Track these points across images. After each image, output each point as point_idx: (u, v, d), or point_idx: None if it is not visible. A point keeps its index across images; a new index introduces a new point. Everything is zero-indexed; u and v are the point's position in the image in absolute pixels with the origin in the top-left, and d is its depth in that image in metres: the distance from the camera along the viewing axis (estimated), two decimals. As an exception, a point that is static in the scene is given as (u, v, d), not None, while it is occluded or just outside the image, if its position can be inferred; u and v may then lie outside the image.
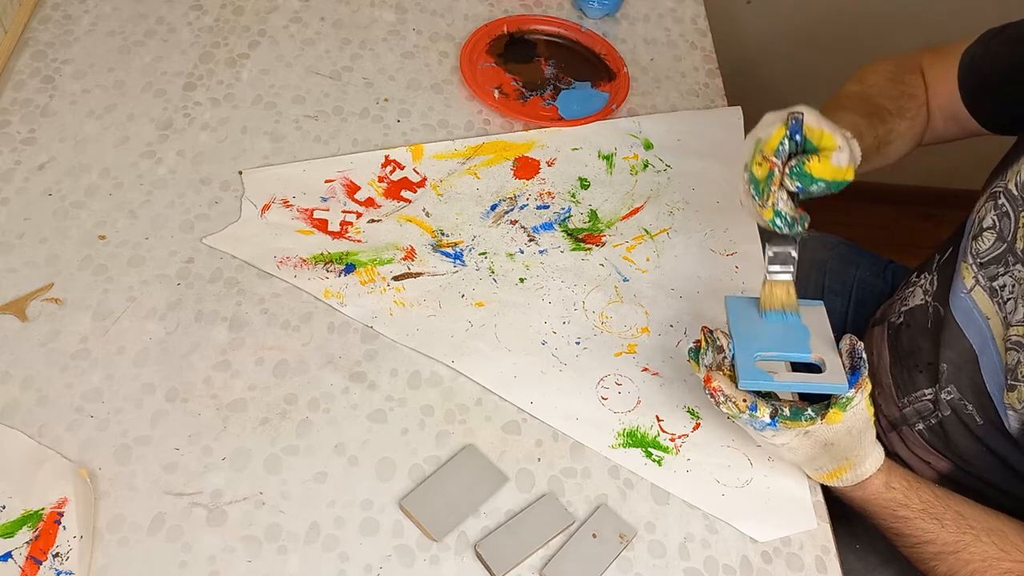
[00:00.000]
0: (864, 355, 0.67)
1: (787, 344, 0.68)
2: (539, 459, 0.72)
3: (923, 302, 0.84)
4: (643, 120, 0.98)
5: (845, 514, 0.86)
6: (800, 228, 0.67)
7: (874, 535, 0.86)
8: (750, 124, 0.97)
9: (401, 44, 1.02)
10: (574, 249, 0.86)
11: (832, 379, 0.66)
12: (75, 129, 0.87)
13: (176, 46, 0.96)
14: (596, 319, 0.82)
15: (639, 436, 0.74)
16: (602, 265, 0.86)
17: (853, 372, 0.67)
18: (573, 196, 0.91)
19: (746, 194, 0.68)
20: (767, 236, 0.70)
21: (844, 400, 0.65)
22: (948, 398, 0.78)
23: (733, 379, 0.67)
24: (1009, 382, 0.72)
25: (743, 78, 0.97)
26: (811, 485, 0.74)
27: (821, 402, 0.67)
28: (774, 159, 0.66)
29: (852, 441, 0.68)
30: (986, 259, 0.77)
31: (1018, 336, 0.72)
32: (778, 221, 0.66)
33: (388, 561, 0.66)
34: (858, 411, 0.66)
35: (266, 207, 0.84)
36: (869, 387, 0.67)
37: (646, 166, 0.94)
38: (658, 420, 0.76)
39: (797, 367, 0.68)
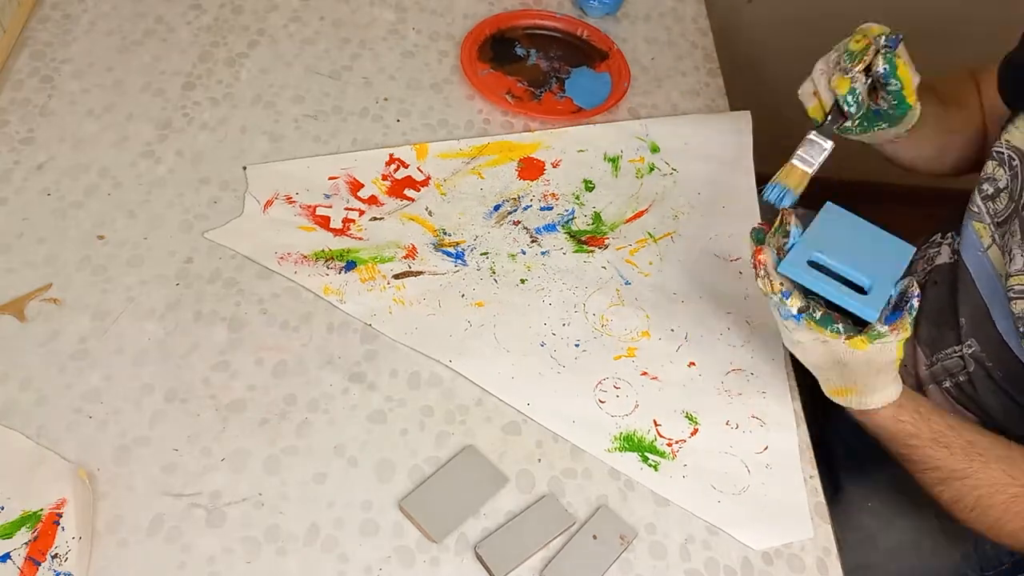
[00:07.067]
0: (916, 304, 0.65)
1: (849, 260, 0.66)
2: (539, 460, 0.72)
3: (951, 260, 0.84)
4: (650, 123, 0.97)
5: (845, 513, 0.86)
6: (851, 123, 0.73)
7: (875, 530, 0.87)
8: (758, 127, 0.97)
9: (401, 43, 1.01)
10: (577, 251, 0.86)
11: (866, 304, 0.64)
12: (74, 129, 0.87)
13: (175, 45, 0.96)
14: (596, 322, 0.81)
15: (636, 440, 0.74)
16: (604, 268, 0.85)
17: (896, 311, 0.65)
18: (577, 198, 0.90)
19: (821, 74, 0.74)
20: (814, 125, 0.74)
21: (876, 332, 0.64)
22: (970, 352, 0.79)
23: None
24: (1020, 330, 0.73)
25: (744, 77, 0.97)
26: (809, 490, 0.74)
27: (860, 325, 0.65)
28: (872, 39, 0.72)
29: (867, 372, 0.67)
30: (1001, 219, 0.78)
31: (1021, 285, 0.73)
32: (849, 97, 0.71)
33: (388, 562, 0.66)
34: (886, 349, 0.65)
35: (269, 203, 0.84)
36: (907, 333, 0.65)
37: (652, 169, 0.94)
38: (656, 425, 0.75)
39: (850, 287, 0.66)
